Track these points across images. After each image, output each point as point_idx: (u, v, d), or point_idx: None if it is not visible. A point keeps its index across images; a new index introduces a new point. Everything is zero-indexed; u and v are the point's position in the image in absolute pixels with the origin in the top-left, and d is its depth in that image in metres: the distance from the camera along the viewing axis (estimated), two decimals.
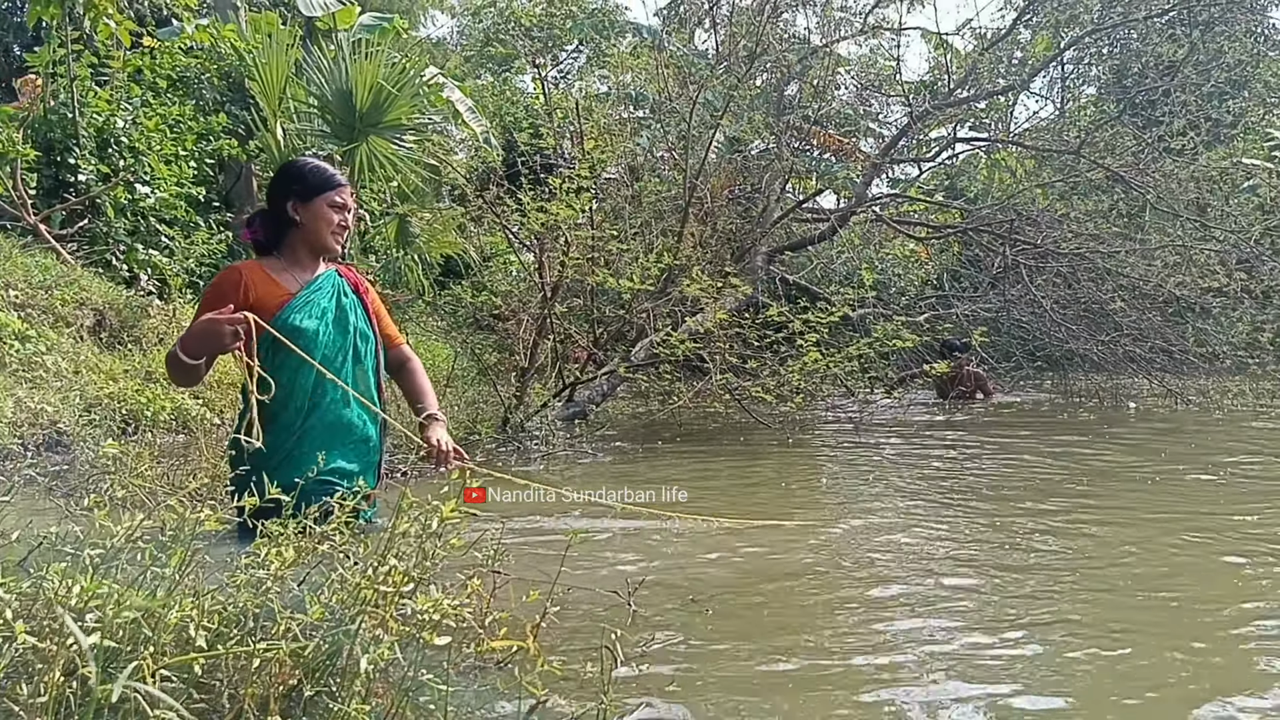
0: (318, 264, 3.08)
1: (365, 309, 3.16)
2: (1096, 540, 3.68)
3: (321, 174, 3.03)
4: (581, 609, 2.57)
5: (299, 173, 3.05)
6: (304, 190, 2.99)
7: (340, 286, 3.11)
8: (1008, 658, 2.34)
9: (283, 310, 2.88)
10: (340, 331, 3.01)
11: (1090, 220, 10.68)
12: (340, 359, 3.00)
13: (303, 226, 2.98)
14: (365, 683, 1.71)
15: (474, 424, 6.98)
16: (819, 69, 11.40)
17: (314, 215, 2.97)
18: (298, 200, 2.98)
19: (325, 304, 3.01)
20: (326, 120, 11.30)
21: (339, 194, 3.01)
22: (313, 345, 2.90)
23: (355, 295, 3.15)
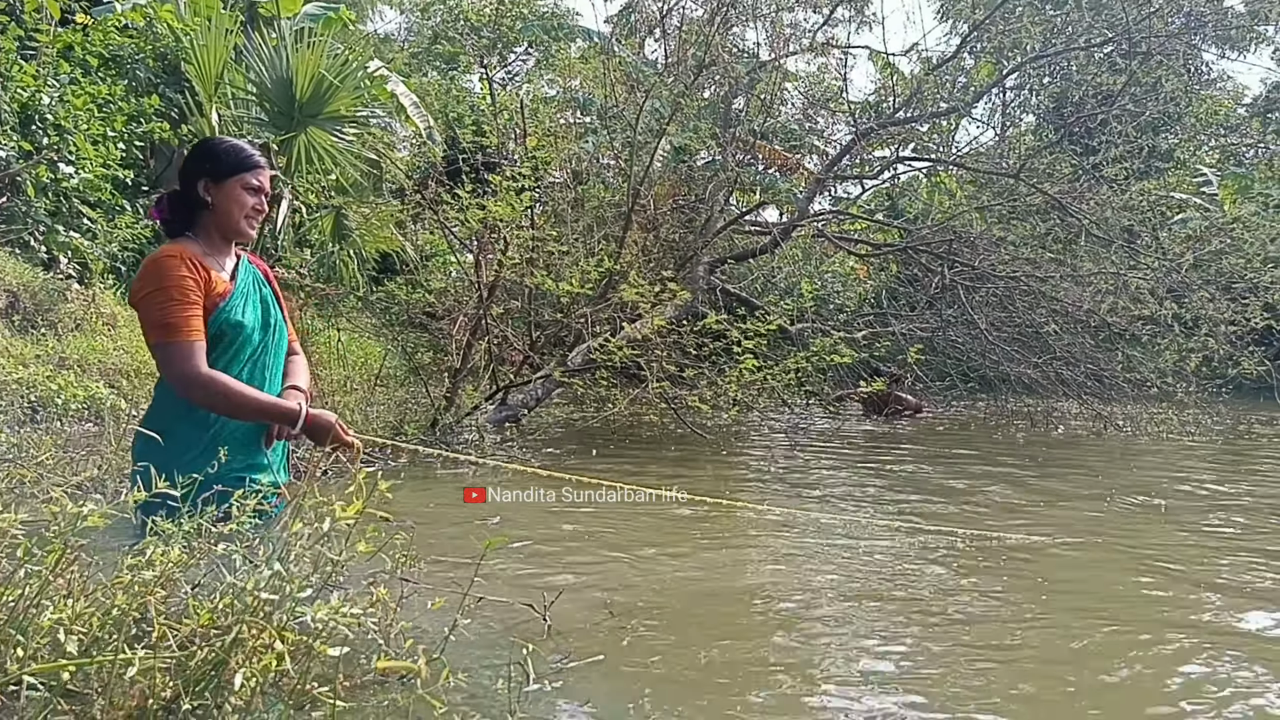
0: (230, 249, 2.90)
1: (279, 301, 3.03)
2: (1028, 561, 3.65)
3: (237, 154, 2.82)
4: (495, 621, 2.44)
5: (213, 152, 2.84)
6: (217, 170, 2.78)
7: (257, 277, 2.97)
8: (932, 676, 2.28)
9: (227, 302, 2.71)
10: (265, 326, 2.87)
11: (1026, 245, 10.83)
12: (263, 353, 2.86)
13: (214, 209, 2.78)
14: (245, 697, 1.57)
15: (401, 424, 6.80)
16: (767, 83, 11.41)
17: (226, 197, 2.77)
18: (210, 180, 2.77)
19: (254, 296, 2.87)
20: (265, 108, 11.01)
21: (255, 176, 2.81)
22: (248, 341, 2.78)
23: (268, 285, 3.02)
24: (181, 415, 2.67)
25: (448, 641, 1.85)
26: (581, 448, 6.99)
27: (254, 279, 2.94)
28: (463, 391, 7.47)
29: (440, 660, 1.83)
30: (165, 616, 1.78)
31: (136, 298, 2.67)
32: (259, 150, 2.91)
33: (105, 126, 9.40)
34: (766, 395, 8.41)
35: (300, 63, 10.60)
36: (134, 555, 1.97)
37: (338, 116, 11.09)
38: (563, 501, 4.85)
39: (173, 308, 2.59)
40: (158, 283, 2.62)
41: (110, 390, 6.78)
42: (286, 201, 11.28)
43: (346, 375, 8.94)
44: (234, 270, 2.86)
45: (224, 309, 2.70)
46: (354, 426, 6.41)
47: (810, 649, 2.47)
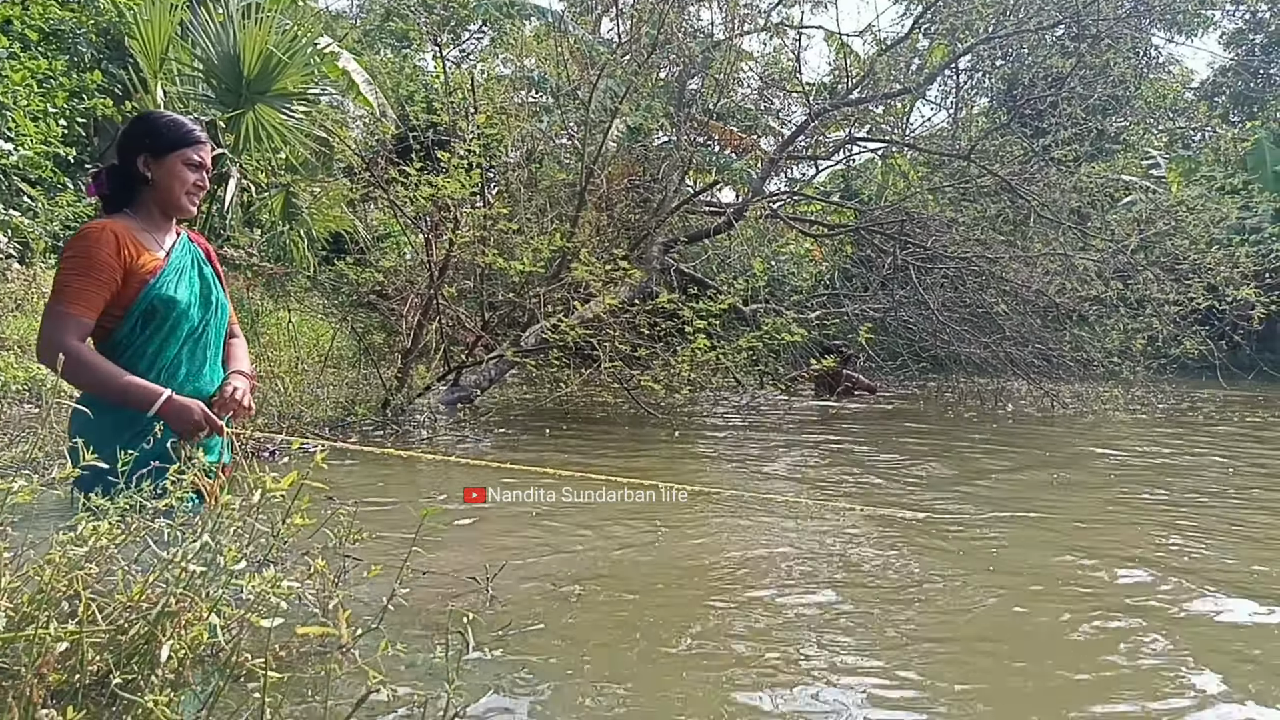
0: (170, 226, 2.85)
1: (220, 280, 2.98)
2: (976, 542, 3.71)
3: (178, 128, 2.77)
4: (436, 593, 2.44)
5: (153, 126, 2.78)
6: (157, 145, 2.73)
7: (197, 254, 2.92)
8: (877, 664, 2.31)
9: (157, 278, 2.66)
10: (204, 303, 2.83)
11: (978, 226, 10.96)
12: (201, 330, 2.82)
13: (154, 184, 2.73)
14: (174, 669, 1.55)
15: (352, 405, 6.74)
16: (722, 63, 11.40)
17: (167, 173, 2.73)
18: (150, 156, 2.73)
19: (193, 274, 2.82)
20: (211, 85, 10.81)
21: (196, 151, 2.76)
22: (184, 317, 2.73)
23: (208, 263, 2.97)
24: None
25: (386, 612, 1.84)
26: (535, 428, 6.98)
27: (193, 257, 2.89)
28: (414, 372, 7.42)
29: (379, 630, 1.82)
30: (99, 593, 1.76)
31: (61, 262, 2.64)
32: (201, 126, 2.85)
33: (46, 103, 9.18)
34: (719, 375, 8.45)
35: (248, 39, 10.41)
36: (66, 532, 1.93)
37: (286, 93, 10.91)
38: (511, 477, 4.85)
39: (74, 278, 2.56)
40: (74, 252, 2.60)
41: (51, 372, 6.64)
42: (235, 180, 11.10)
43: (297, 356, 8.83)
44: (171, 247, 2.81)
45: (154, 285, 2.66)
46: (305, 407, 6.36)
47: (750, 617, 2.50)
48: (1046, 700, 2.05)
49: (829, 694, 2.00)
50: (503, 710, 1.81)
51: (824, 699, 1.98)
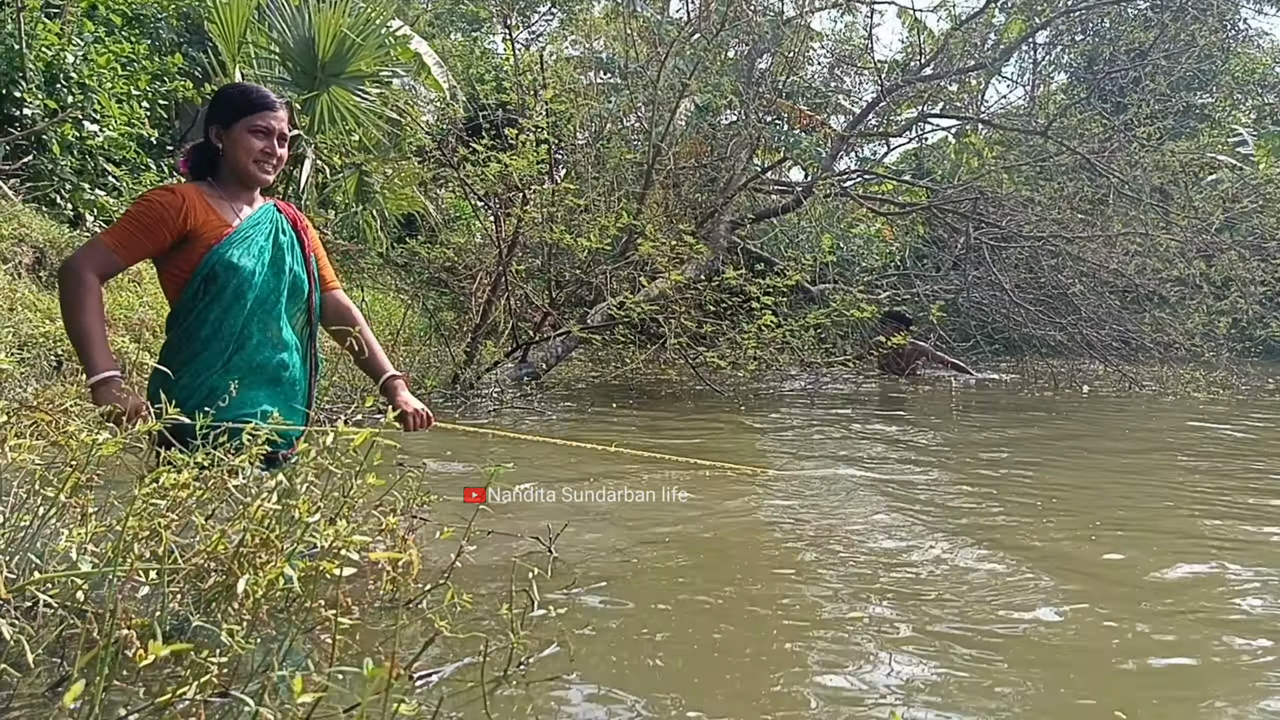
0: (253, 196, 2.88)
1: (303, 248, 2.98)
2: (1052, 530, 3.63)
3: (246, 96, 2.78)
4: (500, 556, 2.47)
5: (222, 97, 2.82)
6: (225, 115, 2.76)
7: (279, 223, 2.92)
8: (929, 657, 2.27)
9: (221, 244, 2.69)
10: (275, 272, 2.83)
11: (1055, 205, 10.69)
12: (273, 300, 2.83)
13: (225, 154, 2.76)
14: (252, 609, 1.60)
15: (423, 379, 6.85)
16: (791, 40, 11.27)
17: (234, 142, 2.74)
18: (220, 126, 2.76)
19: (263, 242, 2.83)
20: (287, 68, 11.01)
21: (262, 118, 2.74)
22: (247, 285, 2.74)
23: (294, 232, 2.97)
24: (193, 355, 2.69)
25: (454, 568, 1.87)
26: (602, 403, 7.01)
27: (271, 223, 2.88)
28: (483, 348, 7.50)
29: (446, 584, 1.85)
30: (178, 544, 1.82)
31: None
32: (276, 94, 2.86)
33: (129, 85, 9.44)
34: (786, 353, 8.39)
35: (322, 22, 10.59)
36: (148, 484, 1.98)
37: (360, 75, 11.07)
38: (576, 452, 4.89)
39: (125, 220, 2.60)
40: (139, 201, 2.65)
41: (135, 344, 6.86)
42: (310, 161, 11.31)
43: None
44: (251, 211, 2.82)
45: (218, 249, 2.68)
46: (376, 382, 6.46)
47: (815, 589, 2.48)
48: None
49: (877, 673, 1.99)
50: (564, 662, 1.83)
51: (872, 678, 1.96)
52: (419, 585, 2.07)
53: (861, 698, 1.77)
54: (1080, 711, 1.81)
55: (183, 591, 1.74)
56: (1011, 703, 1.83)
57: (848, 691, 1.81)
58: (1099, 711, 1.80)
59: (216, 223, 2.71)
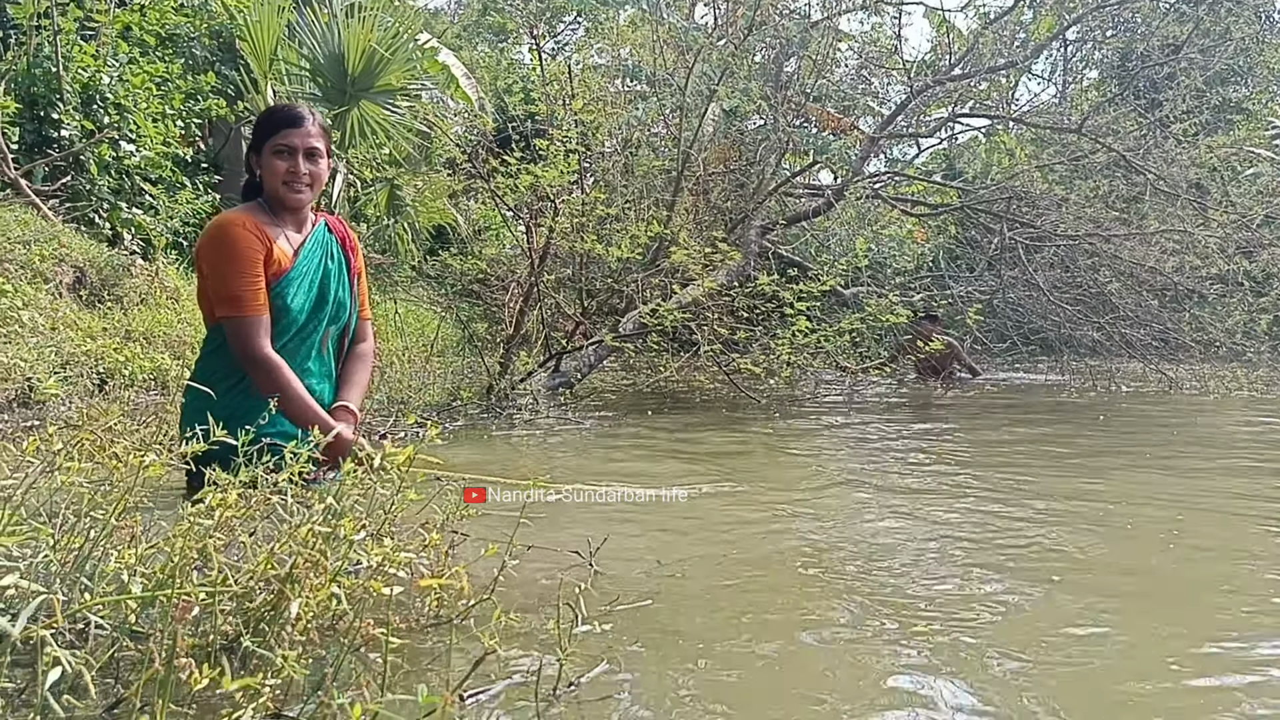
0: (301, 217, 2.86)
1: (349, 272, 2.97)
2: (1096, 535, 3.57)
3: (268, 120, 2.77)
4: (542, 570, 2.46)
5: (256, 122, 2.83)
6: (255, 140, 2.78)
7: (329, 247, 2.91)
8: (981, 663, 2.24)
9: (280, 283, 2.70)
10: (319, 304, 2.84)
11: (1089, 203, 10.56)
12: (312, 329, 2.84)
13: (262, 181, 2.78)
14: (303, 630, 1.60)
15: (457, 391, 6.87)
16: (819, 43, 11.22)
17: (264, 168, 2.75)
18: (254, 153, 2.79)
19: (314, 275, 2.83)
20: (318, 83, 11.12)
21: (283, 137, 2.71)
22: (294, 323, 2.77)
23: (342, 255, 2.96)
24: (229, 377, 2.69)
25: (497, 583, 1.86)
26: (637, 411, 7.00)
27: (324, 251, 2.88)
28: (516, 358, 7.53)
29: (491, 600, 1.85)
30: (225, 564, 1.82)
31: (203, 264, 2.68)
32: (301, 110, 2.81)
33: (164, 104, 9.58)
34: (820, 358, 8.35)
35: (351, 37, 10.68)
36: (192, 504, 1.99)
37: (390, 89, 11.16)
38: (612, 459, 4.88)
39: (238, 281, 2.59)
40: (224, 252, 2.62)
41: (175, 361, 6.95)
42: (341, 175, 11.41)
43: (404, 346, 9.07)
44: (300, 245, 2.81)
45: (275, 288, 2.69)
46: (413, 393, 6.51)
47: (860, 602, 2.45)
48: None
49: (935, 694, 1.96)
50: (615, 680, 1.82)
51: (931, 698, 1.93)
52: (464, 602, 2.07)
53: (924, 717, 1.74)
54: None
55: (231, 612, 1.75)
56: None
57: (907, 710, 1.79)
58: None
59: (278, 253, 2.71)
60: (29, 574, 1.69)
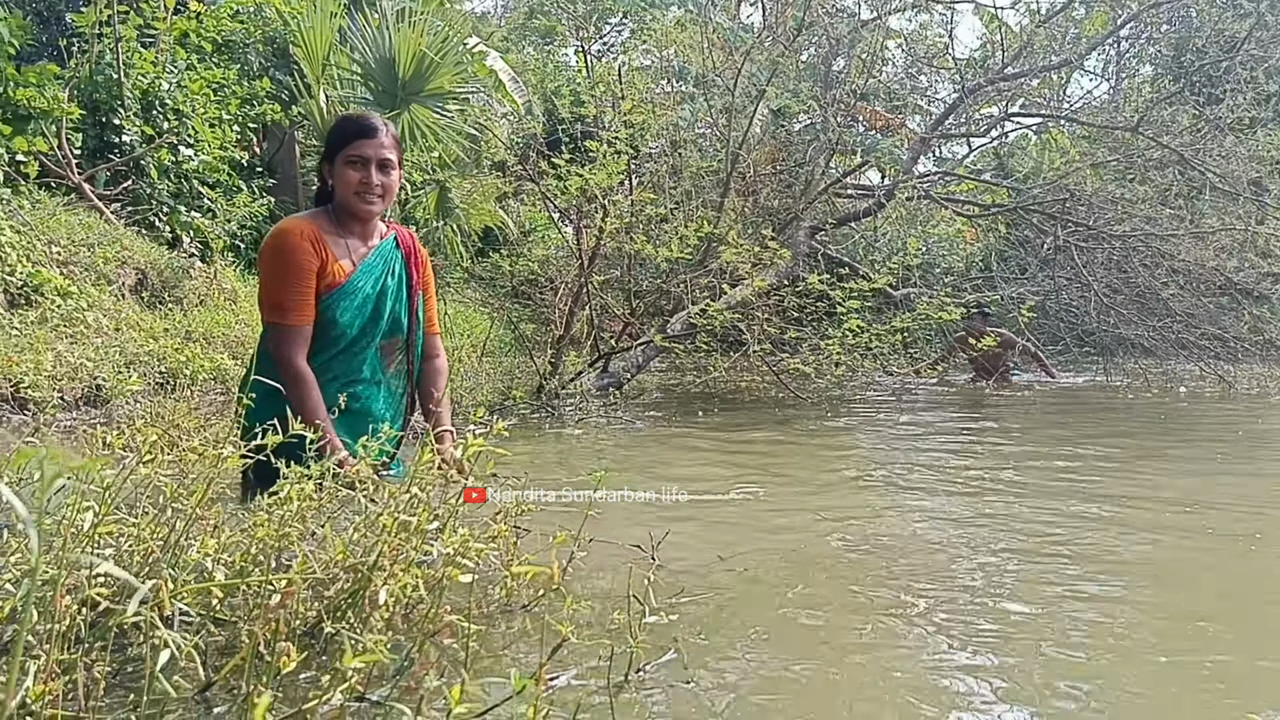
0: (370, 228, 2.88)
1: (410, 289, 2.97)
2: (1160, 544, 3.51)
3: (339, 130, 2.79)
4: (604, 563, 2.49)
5: (329, 131, 2.85)
6: (327, 151, 2.80)
7: (392, 263, 2.92)
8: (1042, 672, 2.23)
9: (331, 295, 2.74)
10: (374, 320, 2.86)
11: (1145, 202, 10.39)
12: (364, 343, 2.87)
13: (334, 190, 2.80)
14: (384, 615, 1.64)
15: (508, 390, 6.94)
16: (868, 42, 11.17)
17: (338, 178, 2.77)
18: (327, 163, 2.81)
19: (369, 291, 2.84)
20: (369, 88, 11.28)
21: (355, 148, 2.72)
22: (343, 336, 2.80)
23: (405, 272, 2.96)
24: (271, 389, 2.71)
25: (565, 574, 1.90)
26: (686, 410, 7.02)
27: (385, 267, 2.89)
28: (566, 359, 7.58)
29: (560, 590, 1.88)
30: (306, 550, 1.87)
31: (261, 266, 2.75)
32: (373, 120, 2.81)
33: (220, 110, 9.78)
34: (870, 358, 8.31)
35: (402, 41, 10.82)
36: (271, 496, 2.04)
37: (440, 93, 11.29)
38: (660, 458, 4.91)
39: (285, 289, 2.65)
40: (278, 259, 2.67)
41: (234, 361, 7.09)
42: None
43: (455, 346, 9.17)
44: (363, 257, 2.83)
45: (327, 300, 2.72)
46: (465, 392, 6.59)
47: (922, 599, 2.45)
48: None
49: (992, 685, 1.96)
50: (683, 669, 1.84)
51: (1000, 698, 1.93)
52: (534, 591, 2.10)
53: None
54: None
55: (312, 600, 1.80)
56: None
57: (974, 706, 1.79)
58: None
59: (335, 268, 2.74)
60: (122, 563, 1.75)
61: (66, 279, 6.74)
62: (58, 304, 6.43)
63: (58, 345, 5.93)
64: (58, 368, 5.67)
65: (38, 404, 5.28)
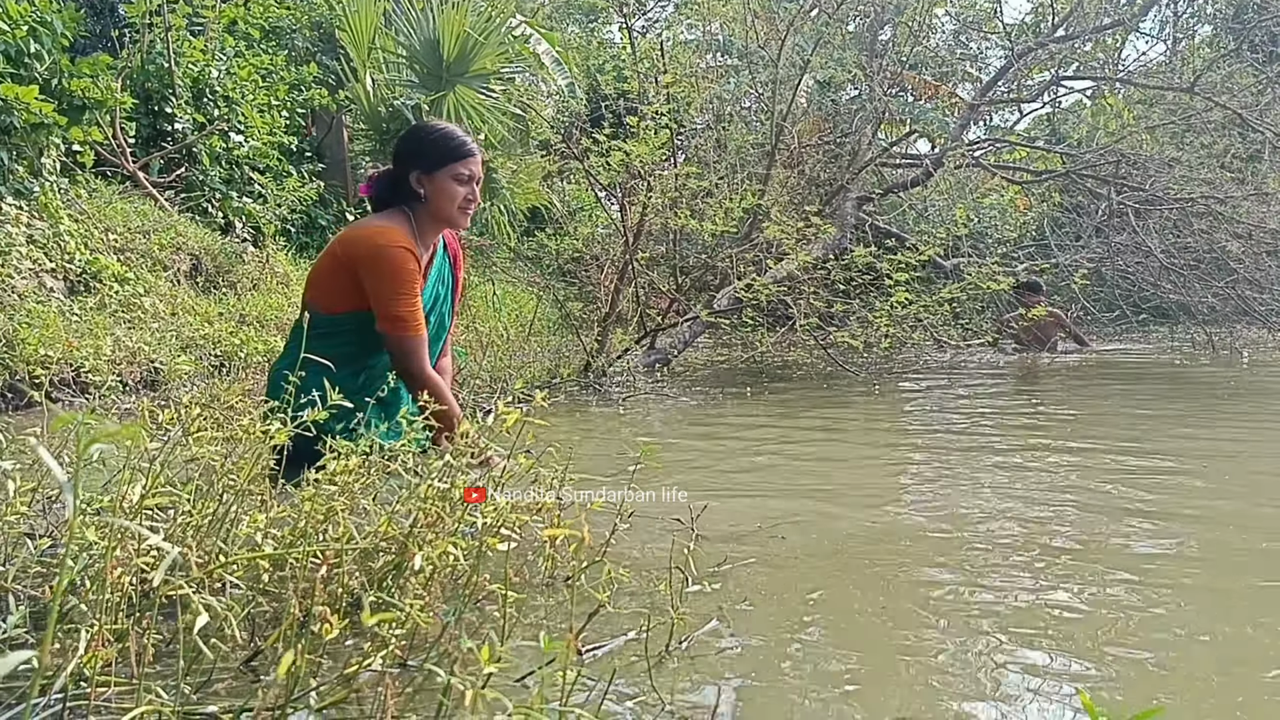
0: (437, 235, 2.99)
1: (454, 291, 3.11)
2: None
3: (448, 143, 2.85)
4: (643, 532, 2.50)
5: (424, 142, 2.89)
6: (428, 162, 2.83)
7: (442, 270, 3.03)
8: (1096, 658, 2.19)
9: None
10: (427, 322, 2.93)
11: (1203, 164, 10.11)
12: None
13: (428, 201, 2.85)
14: (423, 582, 1.67)
15: (556, 368, 6.98)
16: (915, 9, 10.97)
17: (439, 190, 2.83)
18: (422, 172, 2.84)
19: (429, 293, 2.96)
20: (414, 70, 11.35)
21: (465, 165, 2.83)
22: None
23: (451, 276, 3.09)
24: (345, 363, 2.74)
25: (608, 544, 1.91)
26: (736, 385, 7.00)
27: (438, 275, 3.00)
28: (612, 336, 7.60)
29: (601, 561, 1.89)
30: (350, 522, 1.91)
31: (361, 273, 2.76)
32: (471, 137, 2.92)
33: (269, 96, 9.90)
34: (920, 330, 8.21)
35: (446, 23, 10.86)
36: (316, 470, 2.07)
37: (484, 73, 11.32)
38: (709, 433, 4.91)
39: (402, 303, 2.74)
40: (390, 271, 2.73)
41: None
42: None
43: (503, 325, 9.24)
44: (428, 265, 2.93)
45: None
46: (514, 371, 6.63)
47: (972, 577, 2.42)
48: None
49: (1052, 668, 1.93)
50: (728, 637, 1.85)
51: (1049, 673, 1.91)
52: (575, 562, 2.12)
53: (1042, 693, 1.72)
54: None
55: (355, 572, 1.83)
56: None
57: (1020, 684, 1.77)
58: None
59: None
60: (171, 536, 1.79)
61: (124, 265, 6.89)
62: (115, 290, 6.58)
63: (116, 330, 6.08)
64: (117, 352, 5.82)
65: (97, 387, 5.42)
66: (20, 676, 1.52)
